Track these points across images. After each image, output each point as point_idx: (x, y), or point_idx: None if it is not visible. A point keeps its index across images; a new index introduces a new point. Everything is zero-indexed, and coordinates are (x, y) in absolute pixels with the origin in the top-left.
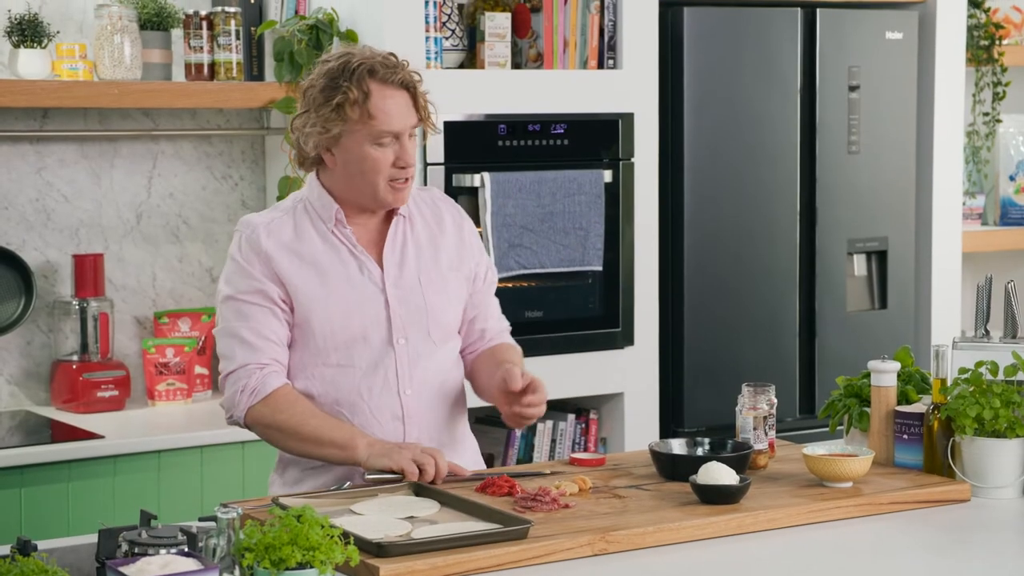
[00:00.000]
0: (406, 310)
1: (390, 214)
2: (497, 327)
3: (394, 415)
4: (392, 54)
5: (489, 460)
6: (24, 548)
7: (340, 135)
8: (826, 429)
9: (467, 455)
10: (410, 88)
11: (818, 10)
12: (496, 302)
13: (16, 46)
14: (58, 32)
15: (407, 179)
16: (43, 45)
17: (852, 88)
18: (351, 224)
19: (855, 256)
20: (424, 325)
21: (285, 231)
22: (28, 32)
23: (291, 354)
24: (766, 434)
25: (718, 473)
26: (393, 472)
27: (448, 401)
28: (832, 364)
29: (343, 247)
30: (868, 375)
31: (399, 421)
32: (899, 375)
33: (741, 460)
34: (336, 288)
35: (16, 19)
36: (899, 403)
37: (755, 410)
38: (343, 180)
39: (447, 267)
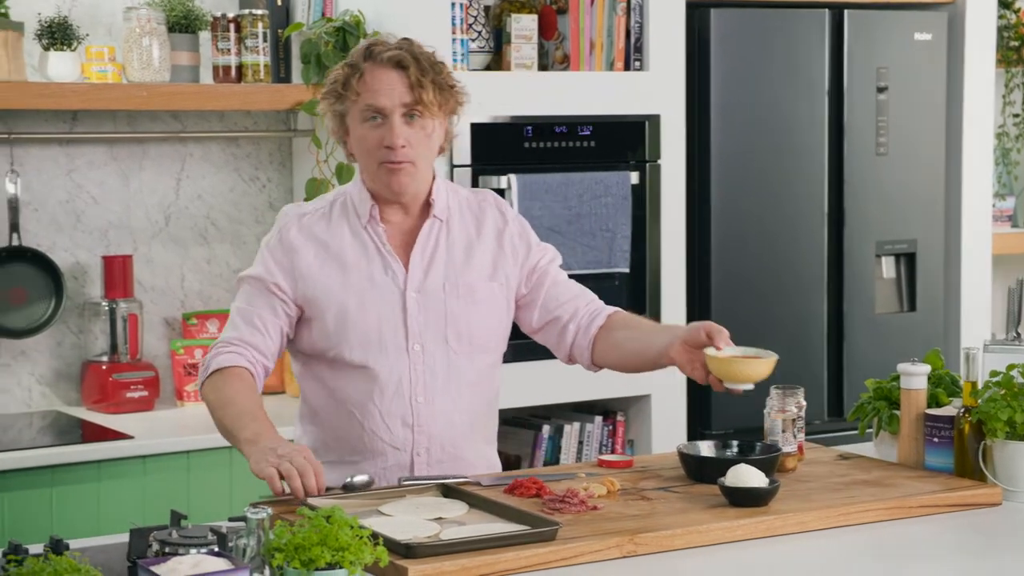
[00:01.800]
0: (425, 316)
1: (425, 215)
2: (593, 305)
3: (404, 422)
4: (407, 39)
5: (516, 462)
6: (57, 547)
7: (343, 117)
8: (855, 431)
9: (479, 470)
10: (403, 66)
11: (846, 11)
12: (571, 283)
13: (46, 49)
14: (87, 35)
15: (400, 161)
16: (72, 48)
17: (880, 89)
18: (386, 222)
19: (883, 258)
20: (442, 333)
21: (319, 224)
22: (58, 35)
23: (307, 349)
24: (795, 436)
25: (747, 475)
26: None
27: (467, 415)
28: (860, 367)
29: (371, 244)
30: (897, 378)
31: (409, 428)
32: (929, 378)
33: (770, 462)
34: (355, 284)
35: (46, 22)
36: (929, 406)
37: (784, 412)
38: (359, 166)
39: (478, 276)
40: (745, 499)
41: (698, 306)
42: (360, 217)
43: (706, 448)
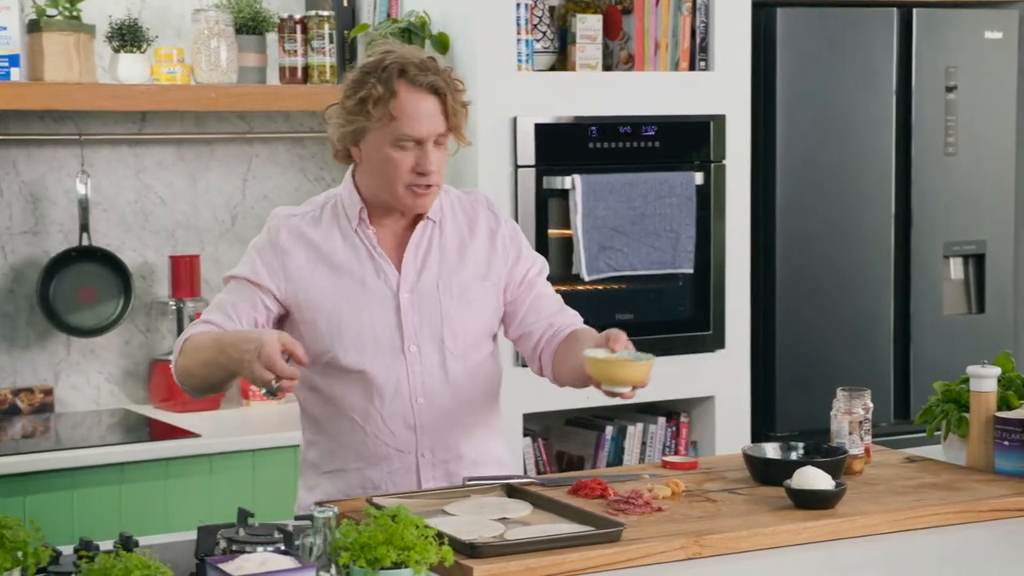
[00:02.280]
0: (420, 317)
1: (418, 217)
2: (564, 320)
3: (407, 424)
4: (432, 58)
5: (579, 463)
6: (127, 544)
7: (363, 131)
8: (922, 434)
9: (487, 470)
10: (440, 94)
11: (915, 9)
12: (554, 297)
13: (116, 51)
14: (157, 37)
15: (429, 186)
16: (142, 50)
17: (949, 89)
18: (377, 225)
19: (951, 259)
20: (438, 333)
21: (309, 227)
22: (128, 37)
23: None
24: (862, 439)
25: (813, 478)
26: None
27: (468, 412)
28: (928, 369)
29: (363, 248)
30: (966, 380)
31: (411, 430)
32: (999, 380)
33: (836, 465)
34: (347, 288)
35: (116, 25)
36: (999, 409)
37: (850, 415)
38: (368, 177)
39: (472, 275)
40: (811, 501)
41: (762, 307)
42: (351, 220)
43: (771, 450)
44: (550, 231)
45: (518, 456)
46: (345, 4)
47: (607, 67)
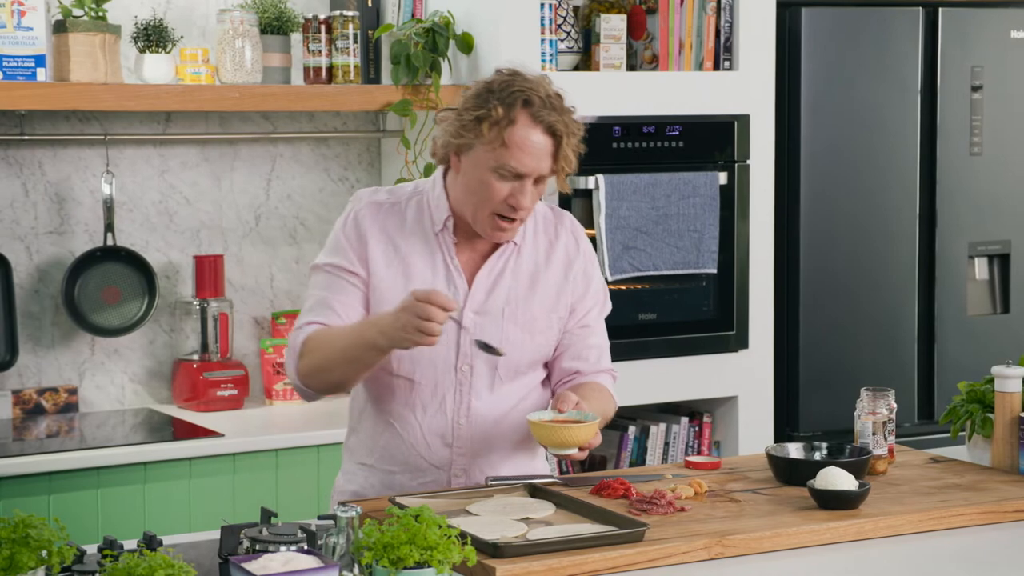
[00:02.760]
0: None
1: None
2: (592, 367)
3: (444, 441)
4: (559, 94)
5: (601, 463)
6: (151, 543)
7: (470, 147)
8: (946, 435)
9: None
10: (556, 136)
11: (940, 9)
12: (597, 348)
13: (142, 51)
14: (182, 37)
15: (514, 220)
16: (167, 50)
17: (975, 88)
18: (459, 235)
19: (976, 259)
20: (493, 358)
21: (392, 219)
22: (153, 37)
23: None
24: (885, 439)
25: (837, 478)
26: None
27: (509, 438)
28: (952, 369)
29: (440, 255)
30: (991, 380)
31: (448, 448)
32: None
33: (860, 465)
34: None
35: (142, 25)
36: None
37: (874, 415)
38: (459, 190)
39: (540, 306)
40: (835, 502)
41: (786, 307)
42: (434, 224)
43: (795, 450)
44: None
45: (552, 465)
46: (369, 4)
47: (631, 67)
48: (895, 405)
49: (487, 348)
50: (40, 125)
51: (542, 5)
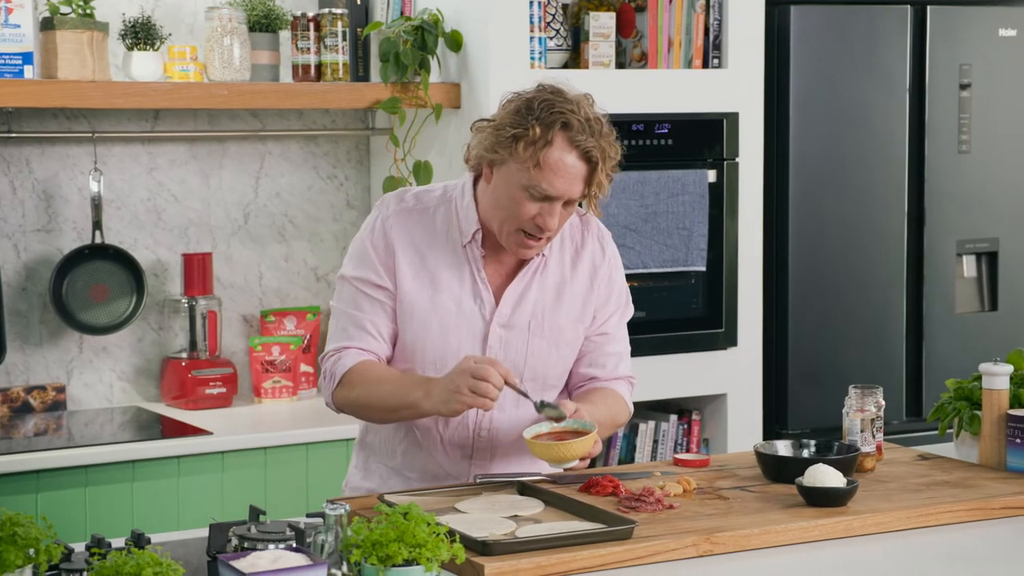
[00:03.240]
0: (504, 353)
1: None
2: (609, 375)
3: (464, 453)
4: (599, 118)
5: (591, 460)
6: (139, 541)
7: (503, 162)
8: (934, 432)
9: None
10: (592, 162)
11: (929, 7)
12: (618, 350)
13: (130, 49)
14: (170, 34)
15: (541, 239)
16: (155, 47)
17: (963, 86)
18: (487, 247)
19: (964, 257)
20: (519, 371)
21: (419, 228)
22: (141, 35)
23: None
24: (873, 436)
25: (825, 475)
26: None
27: (527, 450)
28: (940, 367)
29: (467, 267)
30: (978, 378)
31: (468, 460)
32: (1012, 378)
33: (848, 462)
34: (443, 305)
35: (130, 22)
36: (1012, 406)
37: (863, 412)
38: (488, 201)
39: (565, 316)
40: (823, 499)
41: (775, 305)
42: (463, 235)
43: (783, 447)
44: None
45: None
46: (358, 2)
47: (620, 65)
48: (883, 402)
49: (536, 402)
50: (28, 122)
51: (531, 3)
